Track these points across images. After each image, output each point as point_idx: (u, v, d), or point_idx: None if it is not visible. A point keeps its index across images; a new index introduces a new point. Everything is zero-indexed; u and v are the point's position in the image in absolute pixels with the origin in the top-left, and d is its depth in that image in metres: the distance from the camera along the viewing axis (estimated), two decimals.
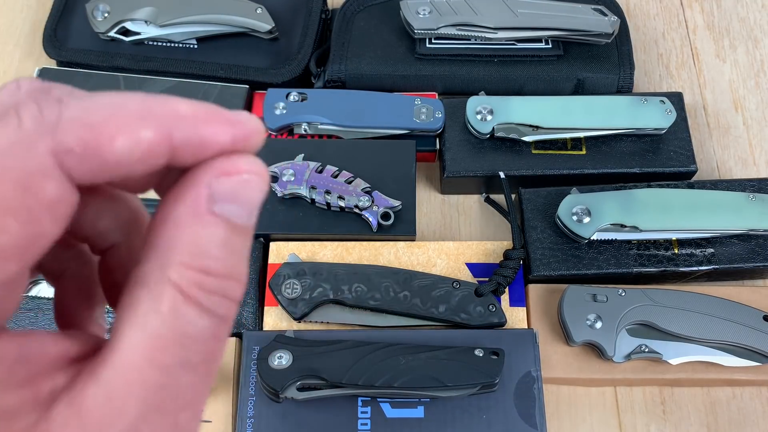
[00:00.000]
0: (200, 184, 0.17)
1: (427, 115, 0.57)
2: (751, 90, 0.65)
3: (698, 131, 0.63)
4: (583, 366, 0.49)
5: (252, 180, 0.17)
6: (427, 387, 0.44)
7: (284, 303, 0.49)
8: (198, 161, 0.17)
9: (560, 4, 0.60)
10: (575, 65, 0.60)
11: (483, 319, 0.50)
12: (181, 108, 0.17)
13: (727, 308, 0.49)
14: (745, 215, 0.51)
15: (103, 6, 0.60)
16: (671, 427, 0.51)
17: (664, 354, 0.48)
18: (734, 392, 0.52)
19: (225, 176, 0.17)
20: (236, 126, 0.17)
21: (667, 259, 0.52)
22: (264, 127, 0.21)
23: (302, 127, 0.58)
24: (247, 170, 0.17)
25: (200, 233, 0.17)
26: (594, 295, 0.49)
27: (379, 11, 0.63)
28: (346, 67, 0.60)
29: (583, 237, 0.51)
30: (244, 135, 0.18)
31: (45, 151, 0.15)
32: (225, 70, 0.60)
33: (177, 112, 0.17)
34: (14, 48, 0.67)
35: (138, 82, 0.59)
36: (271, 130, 0.58)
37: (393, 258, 0.53)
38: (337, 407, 0.46)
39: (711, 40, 0.68)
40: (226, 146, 0.17)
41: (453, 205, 0.60)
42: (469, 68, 0.60)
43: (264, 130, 0.20)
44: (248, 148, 0.18)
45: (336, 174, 0.54)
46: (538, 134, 0.56)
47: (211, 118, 0.17)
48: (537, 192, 0.55)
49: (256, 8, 0.60)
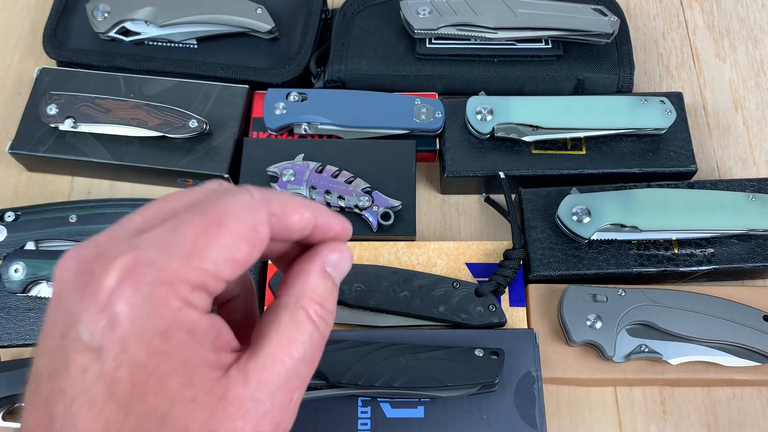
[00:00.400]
0: (323, 253, 0.29)
1: (427, 115, 0.57)
2: (751, 90, 0.65)
3: (698, 131, 0.63)
4: (583, 366, 0.49)
5: (347, 257, 0.30)
6: (427, 387, 0.44)
7: None
8: (321, 239, 0.29)
9: (560, 4, 0.60)
10: (575, 65, 0.60)
11: (483, 319, 0.50)
12: (322, 207, 0.29)
13: (727, 308, 0.49)
14: (745, 215, 0.51)
15: (103, 6, 0.60)
16: (671, 427, 0.51)
17: (664, 354, 0.48)
18: (734, 392, 0.52)
19: (335, 252, 0.29)
20: (343, 222, 0.30)
21: (667, 259, 0.52)
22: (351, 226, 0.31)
23: (302, 127, 0.58)
24: (345, 250, 0.29)
25: (320, 282, 0.28)
26: (594, 295, 0.49)
27: (379, 11, 0.63)
28: (346, 67, 0.60)
29: (583, 237, 0.51)
30: (346, 228, 0.30)
31: (265, 212, 0.26)
32: (225, 70, 0.60)
33: (319, 207, 0.29)
34: (14, 48, 0.67)
35: (138, 82, 0.59)
36: (271, 130, 0.58)
37: (393, 258, 0.53)
38: (337, 407, 0.46)
39: (711, 40, 0.68)
40: (337, 233, 0.30)
41: (453, 205, 0.60)
42: (469, 68, 0.60)
43: (351, 230, 0.31)
44: (346, 236, 0.30)
45: (336, 174, 0.54)
46: (538, 134, 0.56)
47: (333, 215, 0.30)
48: (537, 192, 0.55)
49: (256, 8, 0.60)
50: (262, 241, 0.26)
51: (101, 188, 0.60)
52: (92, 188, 0.61)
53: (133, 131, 0.56)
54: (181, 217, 0.25)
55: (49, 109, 0.56)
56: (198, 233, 0.24)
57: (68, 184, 0.61)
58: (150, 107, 0.56)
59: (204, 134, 0.57)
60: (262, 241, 0.26)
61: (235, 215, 0.25)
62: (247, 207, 0.26)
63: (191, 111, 0.57)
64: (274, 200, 0.27)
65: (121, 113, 0.56)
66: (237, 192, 0.27)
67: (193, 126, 0.56)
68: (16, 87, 0.65)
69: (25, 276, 0.50)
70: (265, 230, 0.26)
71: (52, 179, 0.61)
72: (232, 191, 0.27)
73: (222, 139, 0.57)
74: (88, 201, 0.56)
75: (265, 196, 0.27)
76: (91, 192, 0.60)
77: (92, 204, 0.55)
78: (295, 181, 0.53)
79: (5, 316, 0.52)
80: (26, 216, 0.54)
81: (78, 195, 0.60)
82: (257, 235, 0.26)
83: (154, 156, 0.56)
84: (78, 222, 0.54)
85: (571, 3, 0.61)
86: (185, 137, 0.56)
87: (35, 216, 0.54)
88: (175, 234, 0.24)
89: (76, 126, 0.56)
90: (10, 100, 0.64)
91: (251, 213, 0.26)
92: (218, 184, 0.28)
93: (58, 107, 0.56)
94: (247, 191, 0.27)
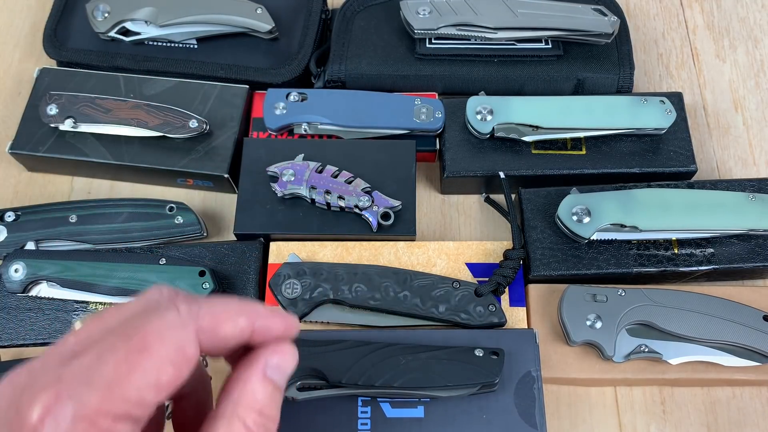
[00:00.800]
0: (261, 358, 0.28)
1: (427, 115, 0.57)
2: (751, 90, 0.65)
3: (698, 131, 0.63)
4: (583, 366, 0.49)
5: (290, 359, 0.29)
6: (427, 387, 0.44)
7: (284, 303, 0.49)
8: (262, 341, 0.29)
9: (560, 4, 0.60)
10: (575, 65, 0.60)
11: (483, 319, 0.50)
12: (259, 308, 0.29)
13: (727, 308, 0.49)
14: (745, 215, 0.51)
15: (103, 6, 0.60)
16: (671, 427, 0.51)
17: (664, 354, 0.48)
18: (734, 392, 0.52)
19: (276, 354, 0.29)
20: (286, 322, 0.29)
21: (667, 259, 0.52)
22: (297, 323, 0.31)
23: (302, 127, 0.58)
24: (287, 351, 0.29)
25: (259, 388, 0.28)
26: (594, 295, 0.49)
27: (379, 11, 0.63)
28: (346, 67, 0.60)
29: (583, 237, 0.51)
30: (289, 328, 0.30)
31: (192, 329, 0.26)
32: (225, 70, 0.60)
33: (257, 311, 0.29)
34: (14, 48, 0.67)
35: (138, 82, 0.59)
36: (271, 130, 0.58)
37: (393, 258, 0.53)
38: (337, 407, 0.46)
39: (711, 40, 0.68)
40: (279, 333, 0.29)
41: (453, 205, 0.60)
42: (469, 68, 0.60)
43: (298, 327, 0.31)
44: (290, 335, 0.30)
45: (336, 174, 0.54)
46: (538, 134, 0.56)
47: (273, 316, 0.29)
48: (537, 192, 0.55)
49: (256, 8, 0.60)
50: (189, 360, 0.26)
51: (101, 188, 0.60)
52: (92, 188, 0.61)
53: (133, 131, 0.56)
54: (107, 341, 0.25)
55: (49, 109, 0.56)
56: (120, 361, 0.24)
57: (68, 184, 0.61)
58: (150, 107, 0.56)
59: (204, 134, 0.57)
60: (189, 360, 0.26)
61: (159, 337, 0.25)
62: (172, 326, 0.26)
63: (191, 111, 0.57)
64: (204, 313, 0.27)
65: (121, 113, 0.56)
66: (164, 310, 0.26)
67: (193, 126, 0.56)
68: (16, 87, 0.65)
69: (25, 276, 0.50)
70: (193, 348, 0.26)
71: (52, 179, 0.61)
72: (160, 309, 0.26)
73: (222, 139, 0.57)
74: (88, 201, 0.56)
75: (193, 311, 0.27)
76: (91, 192, 0.60)
77: (92, 204, 0.55)
78: (295, 181, 0.53)
79: (5, 316, 0.52)
80: (26, 216, 0.54)
81: (78, 195, 0.60)
82: (183, 356, 0.26)
83: (154, 156, 0.56)
84: (78, 222, 0.54)
85: (571, 3, 0.61)
86: (185, 137, 0.56)
87: (35, 216, 0.54)
88: (99, 362, 0.24)
89: (76, 126, 0.56)
90: (10, 100, 0.64)
91: (177, 332, 0.26)
92: (157, 294, 0.27)
93: (58, 107, 0.56)
94: (174, 308, 0.27)
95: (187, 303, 0.27)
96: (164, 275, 0.50)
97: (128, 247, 0.54)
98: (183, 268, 0.50)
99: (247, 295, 0.52)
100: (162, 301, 0.27)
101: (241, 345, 0.29)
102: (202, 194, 0.60)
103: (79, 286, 0.50)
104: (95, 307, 0.52)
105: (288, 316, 0.30)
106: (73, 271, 0.50)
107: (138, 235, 0.54)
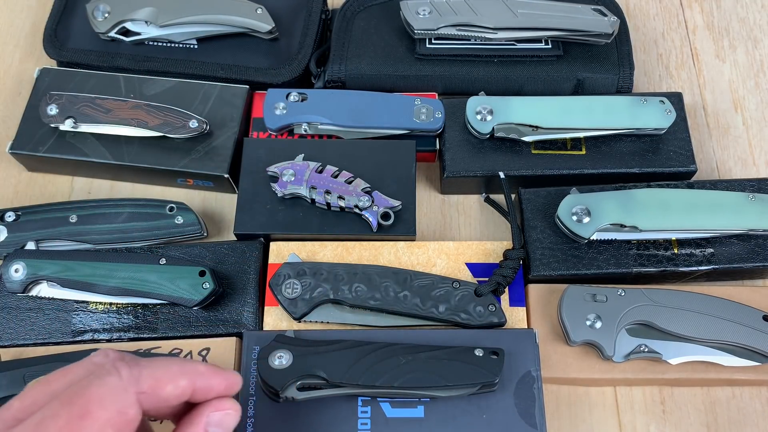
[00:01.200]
0: (203, 415, 0.30)
1: (427, 115, 0.57)
2: (751, 90, 0.65)
3: (698, 131, 0.63)
4: (583, 366, 0.49)
5: (231, 414, 0.31)
6: (427, 387, 0.45)
7: (284, 303, 0.49)
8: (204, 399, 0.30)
9: (560, 4, 0.60)
10: (575, 65, 0.60)
11: (483, 319, 0.50)
12: (200, 368, 0.30)
13: (727, 308, 0.49)
14: (745, 215, 0.51)
15: (103, 6, 0.60)
16: (671, 427, 0.51)
17: (664, 354, 0.48)
18: (734, 392, 0.52)
19: (218, 411, 0.30)
20: (228, 379, 0.31)
21: (667, 259, 0.52)
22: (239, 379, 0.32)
23: (302, 127, 0.58)
24: (229, 408, 0.30)
25: None
26: (594, 295, 0.49)
27: (379, 11, 0.63)
28: (346, 67, 0.60)
29: (582, 237, 0.51)
30: (230, 385, 0.31)
31: (133, 392, 0.28)
32: (225, 70, 0.60)
33: (198, 370, 0.30)
34: (14, 48, 0.67)
35: (138, 82, 0.59)
36: (271, 130, 0.58)
37: (393, 258, 0.53)
38: (337, 407, 0.46)
39: (711, 41, 0.68)
40: (221, 391, 0.31)
41: (453, 205, 0.60)
42: (469, 68, 0.60)
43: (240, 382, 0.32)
44: (232, 392, 0.31)
45: (336, 174, 0.54)
46: (538, 134, 0.56)
47: (214, 374, 0.30)
48: (537, 192, 0.55)
49: (256, 8, 0.60)
50: (130, 422, 0.27)
51: (101, 188, 0.61)
52: (92, 188, 0.61)
53: (133, 131, 0.56)
54: (50, 407, 0.26)
55: (50, 109, 0.56)
56: (62, 428, 0.25)
57: (68, 184, 0.61)
58: (150, 107, 0.56)
59: (204, 134, 0.57)
60: (130, 422, 0.27)
61: (100, 402, 0.26)
62: (113, 391, 0.27)
63: (191, 111, 0.57)
64: (146, 376, 0.28)
65: (121, 113, 0.56)
66: (106, 375, 0.28)
67: (193, 126, 0.56)
68: (16, 87, 0.65)
69: (25, 276, 0.50)
70: (134, 411, 0.27)
71: (52, 179, 0.61)
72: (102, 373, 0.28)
73: (222, 139, 0.57)
74: (88, 201, 0.56)
75: (134, 375, 0.28)
76: (91, 192, 0.60)
77: (92, 204, 0.55)
78: (295, 181, 0.53)
79: (5, 316, 0.52)
80: (26, 216, 0.54)
81: (78, 195, 0.60)
82: (124, 418, 0.27)
83: (154, 156, 0.56)
84: (78, 222, 0.54)
85: (571, 3, 0.61)
86: (185, 137, 0.56)
87: (35, 216, 0.54)
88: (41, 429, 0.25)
89: (76, 126, 0.56)
90: (10, 100, 0.64)
91: (118, 396, 0.27)
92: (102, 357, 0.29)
93: (59, 107, 0.56)
94: (116, 372, 0.28)
95: (128, 367, 0.28)
96: (164, 275, 0.50)
97: (128, 247, 0.54)
98: (183, 268, 0.50)
99: (247, 295, 0.52)
100: (106, 365, 0.28)
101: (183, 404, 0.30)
102: (202, 194, 0.60)
103: (80, 286, 0.50)
104: (95, 306, 0.52)
105: (230, 373, 0.31)
106: (74, 271, 0.50)
107: (138, 235, 0.54)
